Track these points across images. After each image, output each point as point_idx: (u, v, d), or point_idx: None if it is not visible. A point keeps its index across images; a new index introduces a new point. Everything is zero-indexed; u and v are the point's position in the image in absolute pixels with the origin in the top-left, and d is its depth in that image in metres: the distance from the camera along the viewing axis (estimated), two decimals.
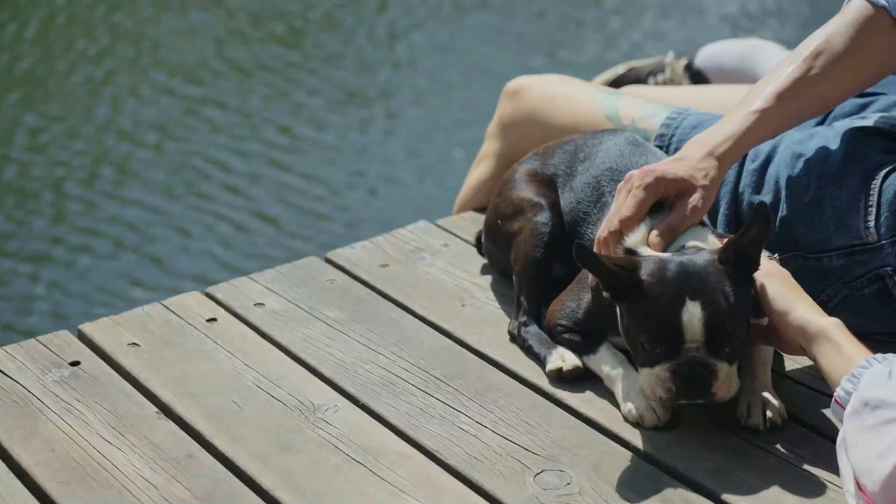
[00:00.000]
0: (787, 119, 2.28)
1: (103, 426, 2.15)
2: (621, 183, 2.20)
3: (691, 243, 2.09)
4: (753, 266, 2.05)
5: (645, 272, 2.03)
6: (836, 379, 1.94)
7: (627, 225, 2.15)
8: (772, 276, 2.08)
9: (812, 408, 2.16)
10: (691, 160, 2.18)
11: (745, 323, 2.06)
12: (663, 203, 2.17)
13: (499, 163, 2.89)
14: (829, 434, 2.08)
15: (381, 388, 2.25)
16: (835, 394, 1.92)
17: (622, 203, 2.17)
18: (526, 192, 2.42)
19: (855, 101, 2.61)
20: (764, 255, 2.11)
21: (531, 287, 2.36)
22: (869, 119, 2.48)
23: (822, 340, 1.99)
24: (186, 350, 2.37)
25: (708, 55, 3.44)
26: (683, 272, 2.01)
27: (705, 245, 2.10)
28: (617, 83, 3.36)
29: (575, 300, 2.26)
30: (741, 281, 2.04)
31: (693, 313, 1.99)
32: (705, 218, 2.22)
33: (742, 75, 3.25)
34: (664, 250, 2.11)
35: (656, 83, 3.39)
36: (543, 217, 2.37)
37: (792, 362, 2.29)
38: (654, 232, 2.14)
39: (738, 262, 2.04)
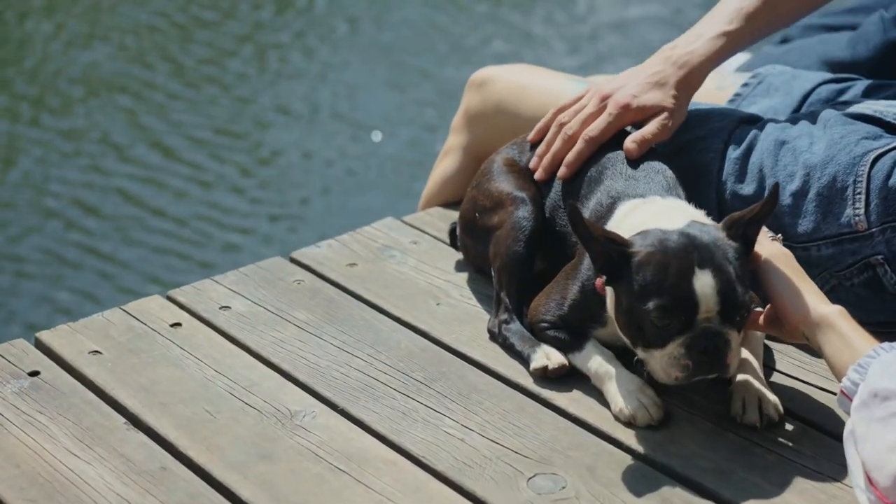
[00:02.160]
0: (754, 36, 2.40)
1: (69, 439, 2.04)
2: (593, 89, 2.34)
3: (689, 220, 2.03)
4: (753, 242, 2.02)
5: (645, 244, 1.96)
6: (841, 369, 1.87)
7: (592, 143, 2.28)
8: (777, 258, 2.02)
9: (807, 402, 2.10)
10: (667, 88, 2.30)
11: (749, 291, 1.99)
12: None
13: (465, 156, 2.81)
14: (827, 429, 2.02)
15: (359, 392, 2.16)
16: (841, 384, 1.85)
17: (588, 116, 2.30)
18: (505, 184, 2.33)
19: (832, 87, 2.56)
20: (768, 234, 2.06)
21: (512, 283, 2.27)
22: (850, 104, 2.42)
23: (825, 329, 1.93)
24: (152, 357, 2.26)
25: None
26: (687, 242, 1.95)
27: (697, 219, 2.04)
28: None
29: (560, 295, 2.17)
30: (743, 255, 1.99)
31: (705, 282, 1.92)
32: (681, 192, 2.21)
33: None
34: (638, 157, 2.23)
35: None
36: (524, 211, 2.28)
37: (783, 356, 2.23)
38: (630, 139, 2.25)
39: (744, 238, 2.00)
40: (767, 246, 2.04)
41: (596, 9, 7.17)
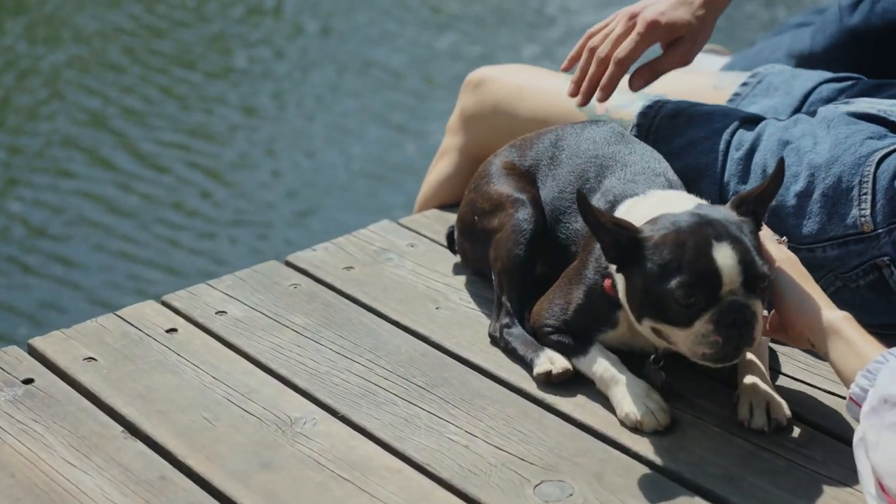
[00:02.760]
0: None
1: (65, 448, 1.99)
2: (622, 11, 2.36)
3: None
4: (762, 220, 2.00)
5: (656, 228, 1.94)
6: (849, 375, 1.85)
7: (622, 65, 2.33)
8: (783, 262, 2.00)
9: (815, 406, 2.08)
10: (693, 6, 2.33)
11: (766, 263, 1.96)
12: None
13: (461, 158, 2.77)
14: (836, 433, 1.99)
15: (360, 398, 2.12)
16: (849, 391, 1.83)
17: (618, 37, 2.33)
18: (504, 186, 2.30)
19: (833, 86, 2.53)
20: (774, 239, 2.03)
21: (513, 287, 2.24)
22: (853, 104, 2.39)
23: (832, 335, 1.90)
24: (148, 363, 2.22)
25: None
26: (699, 220, 1.93)
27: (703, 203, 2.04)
28: None
29: (564, 299, 2.14)
30: (755, 230, 1.97)
31: (725, 254, 1.89)
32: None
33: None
34: (641, 88, 2.36)
35: None
36: (524, 213, 2.25)
37: (789, 360, 2.20)
38: (636, 71, 2.35)
39: (753, 215, 1.99)
40: (773, 250, 2.01)
41: (554, 12, 7.17)
